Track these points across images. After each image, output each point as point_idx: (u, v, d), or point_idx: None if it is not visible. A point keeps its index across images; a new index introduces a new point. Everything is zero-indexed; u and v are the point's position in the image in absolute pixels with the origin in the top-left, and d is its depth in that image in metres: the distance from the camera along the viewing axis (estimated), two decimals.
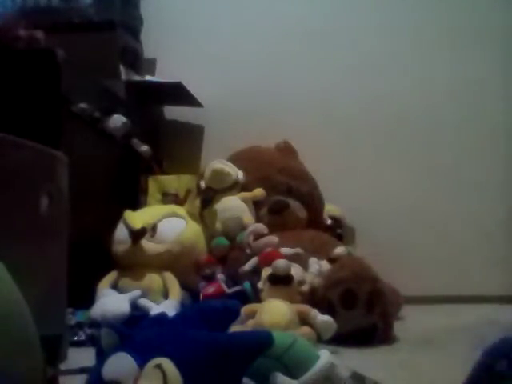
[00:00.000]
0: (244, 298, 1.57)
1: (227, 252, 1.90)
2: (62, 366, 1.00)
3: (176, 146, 2.52)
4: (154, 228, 1.79)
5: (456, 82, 2.50)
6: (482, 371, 0.56)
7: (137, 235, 1.73)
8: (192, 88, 2.36)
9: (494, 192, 2.45)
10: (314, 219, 2.19)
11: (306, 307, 1.43)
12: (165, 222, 1.84)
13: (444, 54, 2.52)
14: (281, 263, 1.49)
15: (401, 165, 2.51)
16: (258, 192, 2.12)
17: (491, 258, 2.39)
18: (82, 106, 1.80)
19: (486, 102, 2.48)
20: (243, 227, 1.96)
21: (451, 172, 2.47)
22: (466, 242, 2.41)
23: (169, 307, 1.55)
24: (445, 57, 2.52)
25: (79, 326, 1.51)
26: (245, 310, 1.38)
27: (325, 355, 0.76)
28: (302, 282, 1.56)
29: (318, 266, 1.68)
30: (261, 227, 1.92)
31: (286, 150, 2.33)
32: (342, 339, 1.38)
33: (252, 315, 1.38)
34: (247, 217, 2.03)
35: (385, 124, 2.52)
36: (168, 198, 2.16)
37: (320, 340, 1.35)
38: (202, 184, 2.17)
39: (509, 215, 2.42)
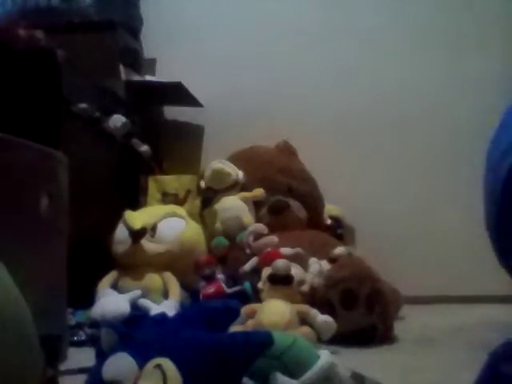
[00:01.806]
0: (244, 297, 1.57)
1: (227, 252, 1.91)
2: (62, 366, 1.00)
3: (176, 146, 2.52)
4: (153, 228, 1.79)
5: (455, 83, 2.49)
6: (488, 374, 0.56)
7: (137, 235, 1.73)
8: (192, 88, 2.36)
9: None
10: (314, 219, 2.19)
11: (305, 307, 1.43)
12: (165, 222, 1.84)
13: (443, 55, 2.52)
14: (281, 263, 1.49)
15: (401, 165, 2.50)
16: (258, 192, 2.12)
17: (491, 258, 2.38)
18: (82, 106, 1.80)
19: (485, 102, 2.48)
20: (243, 227, 1.96)
21: (452, 172, 2.47)
22: (466, 241, 2.41)
23: (169, 307, 1.55)
24: (444, 57, 2.52)
25: (79, 326, 1.51)
26: (245, 310, 1.38)
27: (325, 355, 0.76)
28: (301, 282, 1.56)
29: (318, 265, 1.68)
30: (261, 227, 1.92)
31: (286, 150, 2.33)
32: (342, 339, 1.38)
33: (252, 315, 1.38)
34: (247, 217, 2.03)
35: (385, 124, 2.52)
36: (168, 198, 2.16)
37: (320, 340, 1.35)
38: (202, 184, 2.17)
39: None
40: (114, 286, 1.71)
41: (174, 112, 2.61)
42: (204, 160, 2.49)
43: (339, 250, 1.79)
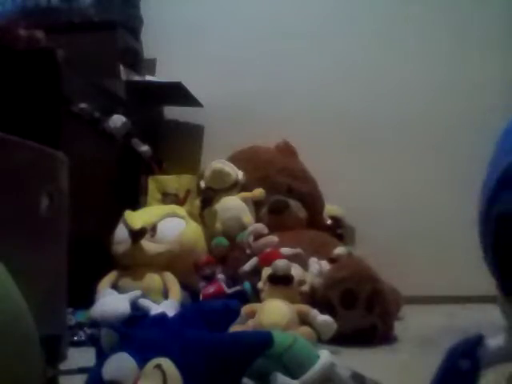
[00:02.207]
0: (244, 298, 1.57)
1: (227, 252, 1.90)
2: (62, 366, 1.00)
3: (176, 146, 2.52)
4: (153, 228, 1.79)
5: (455, 84, 2.49)
6: (446, 371, 0.59)
7: (137, 235, 1.73)
8: (192, 88, 2.36)
9: None
10: (314, 219, 2.19)
11: (305, 307, 1.43)
12: (165, 222, 1.84)
13: (444, 55, 2.52)
14: (281, 263, 1.49)
15: (401, 165, 2.50)
16: (258, 192, 2.12)
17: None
18: (82, 106, 1.80)
19: (486, 103, 2.48)
20: (243, 227, 1.96)
21: (451, 172, 2.47)
22: (465, 242, 2.40)
23: (169, 307, 1.55)
24: (445, 58, 2.52)
25: (79, 326, 1.51)
26: (245, 309, 1.38)
27: (325, 355, 0.75)
28: (302, 282, 1.56)
29: (318, 265, 1.68)
30: (261, 227, 1.92)
31: (286, 150, 2.33)
32: (342, 339, 1.37)
33: (252, 315, 1.38)
34: (247, 217, 2.03)
35: (385, 124, 2.52)
36: (168, 198, 2.16)
37: (320, 340, 1.35)
38: (202, 184, 2.17)
39: None
40: (114, 286, 1.71)
41: (174, 112, 2.61)
42: (204, 160, 2.50)
43: (339, 250, 1.79)
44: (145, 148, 2.17)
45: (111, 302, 1.60)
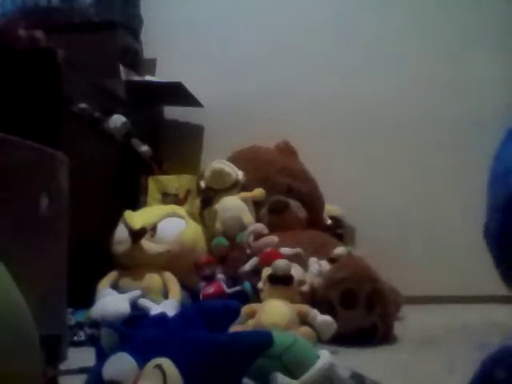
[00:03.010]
0: (244, 297, 1.57)
1: (227, 252, 1.90)
2: (62, 366, 1.00)
3: (176, 146, 2.53)
4: (154, 228, 1.79)
5: (455, 84, 2.49)
6: (481, 380, 0.57)
7: (137, 235, 1.73)
8: (192, 88, 2.36)
9: None
10: (314, 219, 2.19)
11: (305, 307, 1.43)
12: (165, 222, 1.84)
13: (444, 57, 2.52)
14: (281, 263, 1.49)
15: (401, 165, 2.51)
16: (258, 192, 2.12)
17: (491, 258, 2.39)
18: (82, 105, 1.80)
19: (486, 103, 2.48)
20: (243, 227, 1.96)
21: (451, 172, 2.47)
22: (465, 241, 2.40)
23: (169, 307, 1.55)
24: (445, 59, 2.52)
25: (79, 325, 1.51)
26: (245, 310, 1.38)
27: (324, 355, 0.75)
28: (302, 282, 1.56)
29: (317, 266, 1.68)
30: (261, 227, 1.92)
31: (286, 150, 2.33)
32: (342, 339, 1.38)
33: (252, 315, 1.38)
34: (247, 217, 2.03)
35: (385, 124, 2.52)
36: (168, 198, 2.16)
37: (320, 340, 1.35)
38: (202, 184, 2.17)
39: None
40: (114, 286, 1.71)
41: (174, 112, 2.61)
42: (204, 160, 2.50)
43: (339, 250, 1.79)
44: (145, 148, 2.17)
45: (111, 302, 1.60)
